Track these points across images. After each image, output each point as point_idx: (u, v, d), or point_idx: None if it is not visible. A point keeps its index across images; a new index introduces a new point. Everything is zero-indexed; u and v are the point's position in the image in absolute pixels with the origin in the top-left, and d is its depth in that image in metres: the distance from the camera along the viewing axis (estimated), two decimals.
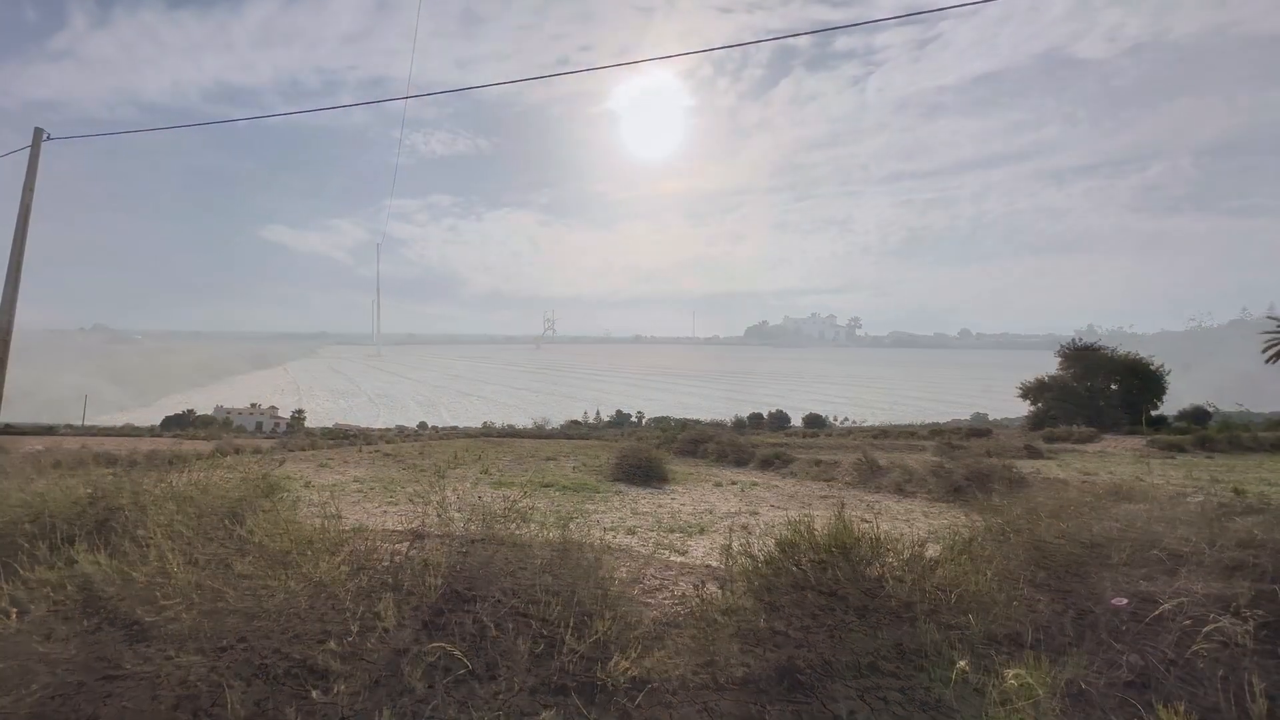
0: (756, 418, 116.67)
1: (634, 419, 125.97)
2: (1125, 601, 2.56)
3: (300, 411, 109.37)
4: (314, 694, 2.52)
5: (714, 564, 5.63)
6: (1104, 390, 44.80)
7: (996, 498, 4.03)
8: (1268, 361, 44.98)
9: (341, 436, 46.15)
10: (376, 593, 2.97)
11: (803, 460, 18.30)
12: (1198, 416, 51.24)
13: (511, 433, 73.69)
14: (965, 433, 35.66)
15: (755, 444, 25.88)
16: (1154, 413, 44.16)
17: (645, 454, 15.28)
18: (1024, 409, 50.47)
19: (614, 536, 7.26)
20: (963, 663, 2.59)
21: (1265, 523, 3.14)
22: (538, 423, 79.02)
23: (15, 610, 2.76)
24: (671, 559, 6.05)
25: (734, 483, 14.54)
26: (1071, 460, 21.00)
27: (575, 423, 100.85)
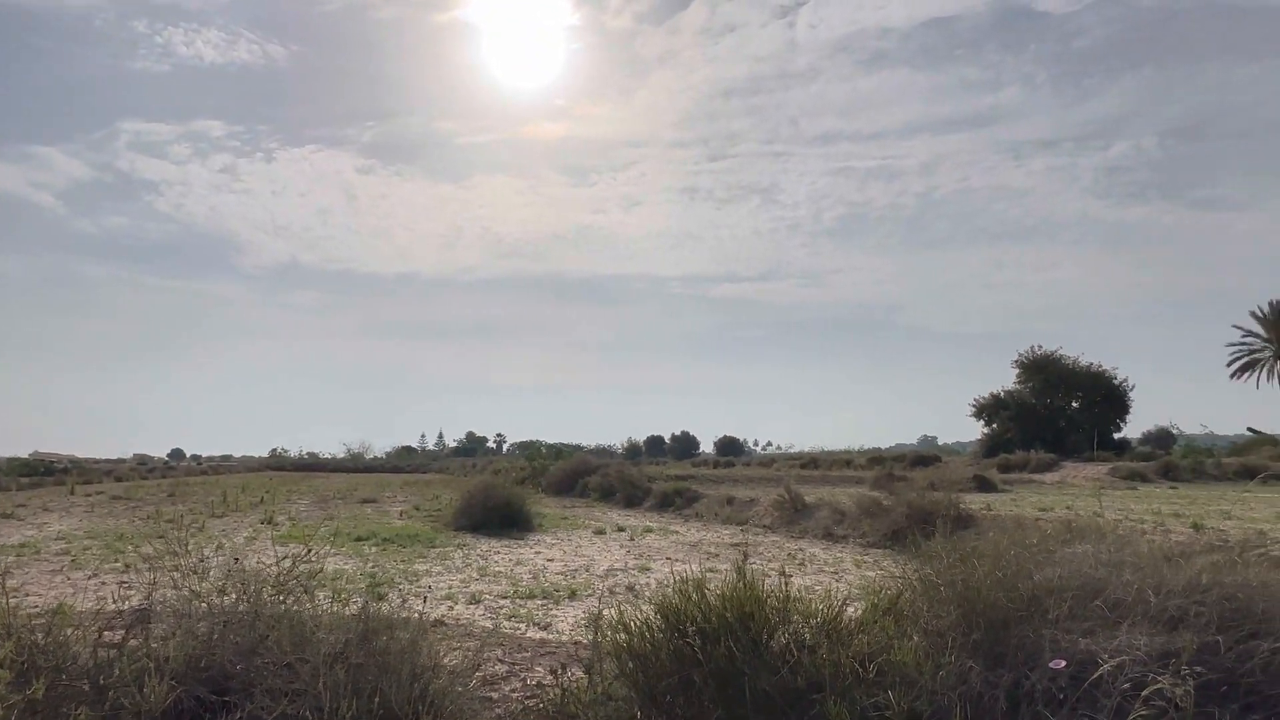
0: (656, 442, 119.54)
1: (492, 444, 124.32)
2: (1064, 664, 2.87)
3: None
4: None
5: (585, 639, 5.64)
6: (1065, 409, 50.57)
7: (938, 541, 4.36)
8: (1233, 376, 52.97)
9: (43, 471, 41.44)
10: (66, 707, 2.66)
11: (711, 498, 18.94)
12: (1161, 440, 59.57)
13: (313, 464, 69.80)
14: (909, 461, 38.82)
15: (652, 477, 26.55)
16: (1118, 435, 50.59)
17: (503, 493, 15.10)
18: (977, 430, 55.91)
19: (451, 607, 7.08)
20: None
21: (1215, 565, 3.65)
22: (354, 450, 75.48)
23: None
24: (528, 635, 6.00)
25: (621, 529, 14.74)
26: (1027, 494, 23.47)
27: (408, 449, 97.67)
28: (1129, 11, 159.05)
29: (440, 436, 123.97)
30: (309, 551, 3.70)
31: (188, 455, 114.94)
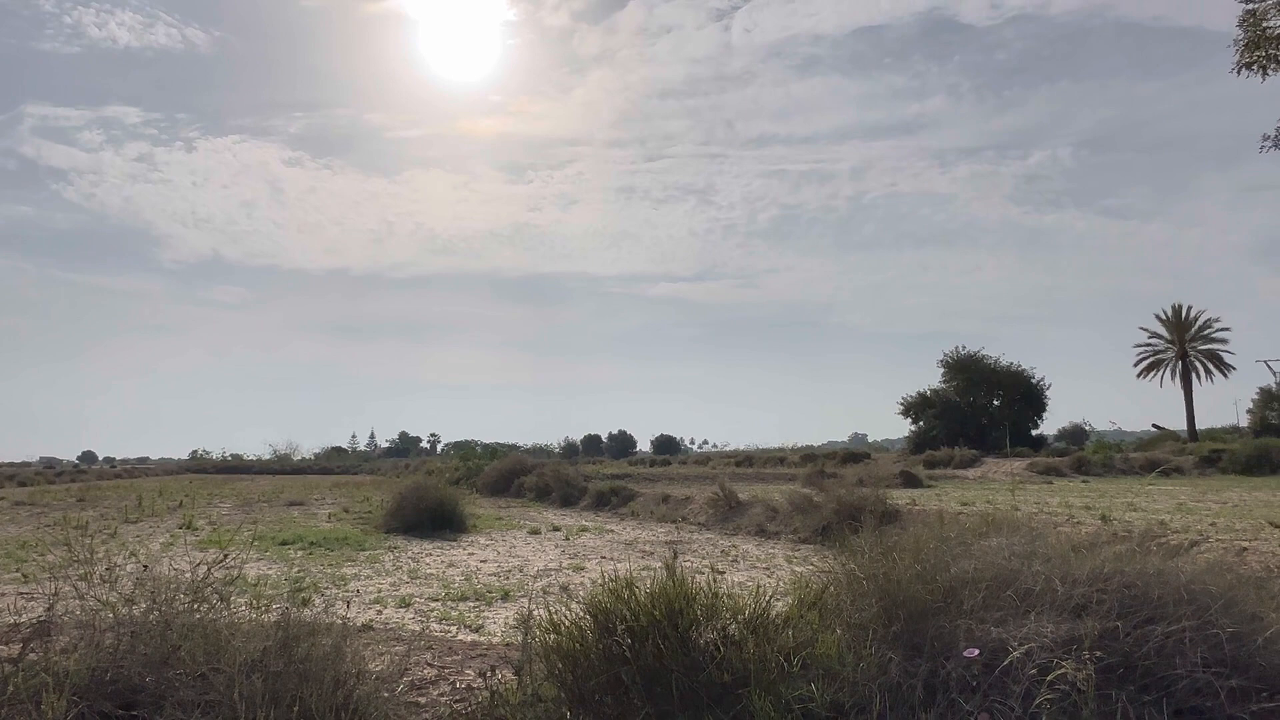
0: (593, 441, 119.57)
1: (425, 444, 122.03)
2: (977, 652, 2.99)
3: None
4: None
5: (517, 641, 5.59)
6: (987, 407, 52.59)
7: (865, 536, 4.48)
8: (1140, 375, 56.00)
9: None
10: None
11: (646, 496, 19.01)
12: (1075, 436, 62.67)
13: (237, 466, 67.18)
14: (840, 458, 39.73)
15: (588, 476, 26.49)
16: (1035, 432, 52.90)
17: (436, 494, 14.83)
18: (905, 427, 57.70)
19: (379, 611, 6.93)
20: None
21: (1117, 555, 3.85)
22: (281, 451, 72.91)
23: None
24: (459, 638, 5.92)
25: (556, 528, 14.66)
26: (951, 489, 24.30)
27: (338, 450, 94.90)
28: (1045, 28, 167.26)
29: (372, 437, 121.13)
30: (225, 556, 3.57)
31: (100, 458, 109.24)
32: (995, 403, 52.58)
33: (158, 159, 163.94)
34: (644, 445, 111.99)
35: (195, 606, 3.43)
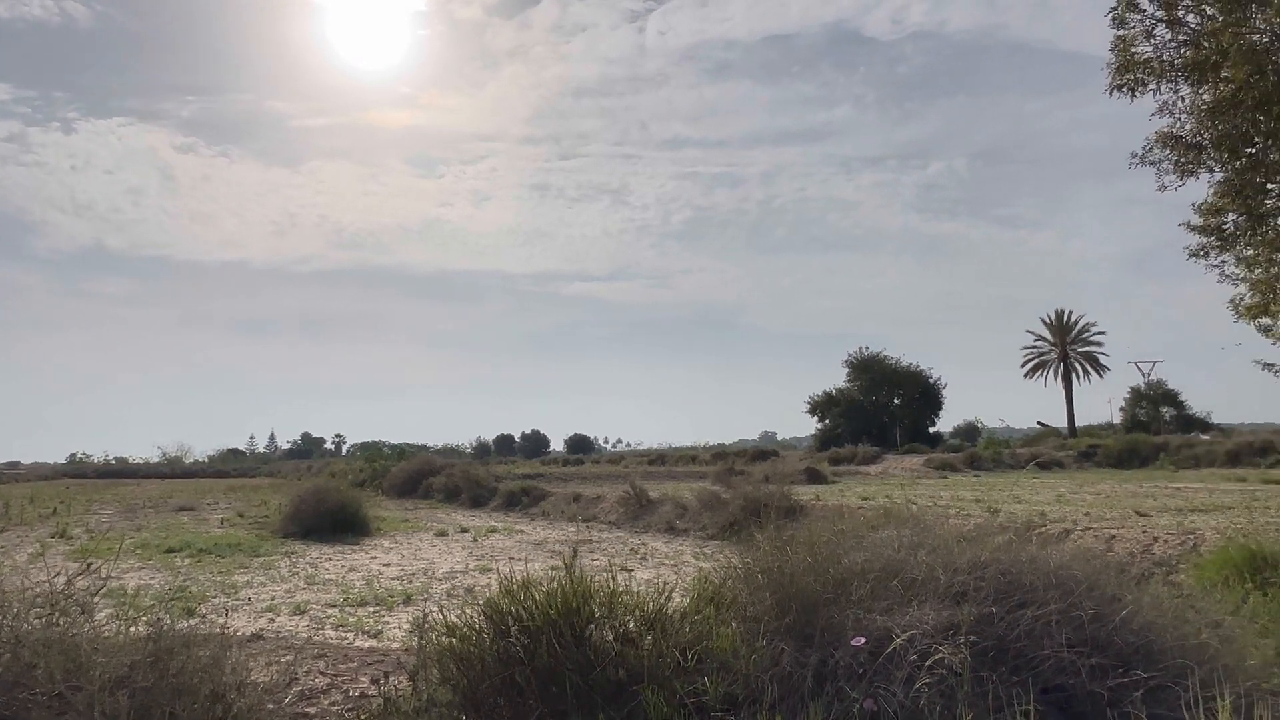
0: (506, 441, 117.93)
1: (330, 445, 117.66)
2: (864, 641, 3.10)
3: None
4: None
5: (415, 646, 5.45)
6: (888, 405, 54.86)
7: (765, 531, 4.56)
8: (1026, 375, 59.57)
9: None
10: None
11: (558, 496, 18.90)
12: (969, 433, 66.26)
13: (122, 470, 63.14)
14: (750, 456, 40.63)
15: (499, 476, 26.14)
16: (932, 429, 55.53)
17: (337, 496, 14.31)
18: (812, 425, 59.59)
19: (272, 620, 6.63)
20: None
21: (996, 545, 4.07)
22: (171, 454, 68.88)
23: None
24: (356, 645, 5.72)
25: (465, 530, 14.39)
26: (853, 484, 25.20)
27: (235, 452, 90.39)
28: (943, 44, 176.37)
29: (272, 438, 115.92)
30: (89, 565, 3.32)
31: None
32: (896, 401, 54.91)
33: (31, 140, 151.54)
34: (557, 445, 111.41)
35: (54, 620, 3.18)
